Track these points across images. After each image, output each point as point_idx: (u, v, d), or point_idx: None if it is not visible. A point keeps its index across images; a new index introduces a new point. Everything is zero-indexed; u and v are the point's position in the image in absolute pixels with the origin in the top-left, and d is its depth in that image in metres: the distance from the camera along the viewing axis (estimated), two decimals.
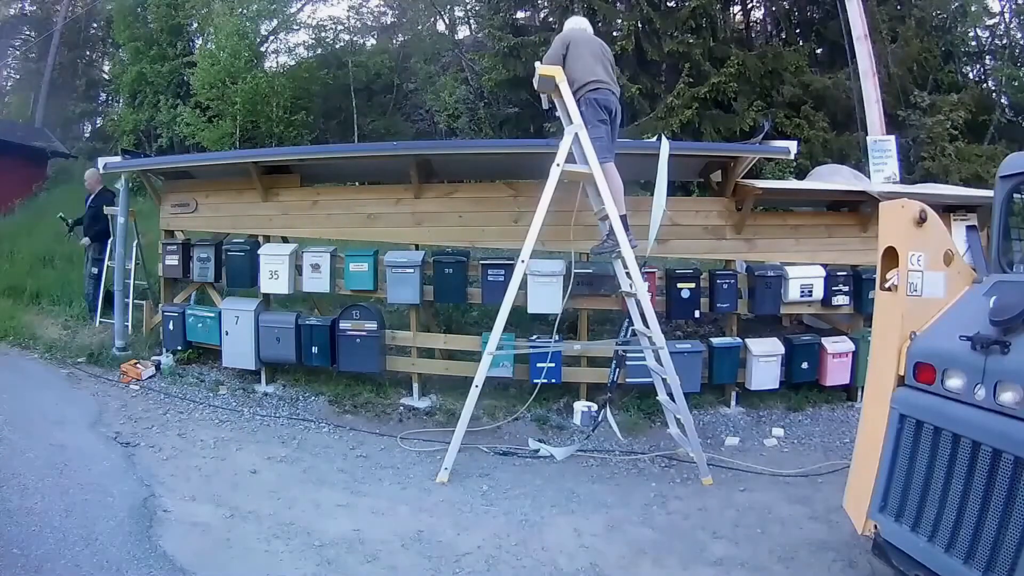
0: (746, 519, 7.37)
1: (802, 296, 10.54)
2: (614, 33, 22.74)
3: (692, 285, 10.51)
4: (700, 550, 6.76)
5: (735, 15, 27.20)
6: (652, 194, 9.99)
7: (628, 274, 9.02)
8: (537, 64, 9.07)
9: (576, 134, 8.82)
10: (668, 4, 22.52)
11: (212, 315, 11.46)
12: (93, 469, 7.99)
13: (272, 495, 7.70)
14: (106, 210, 13.36)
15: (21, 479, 7.52)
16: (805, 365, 10.53)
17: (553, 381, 10.46)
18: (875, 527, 5.48)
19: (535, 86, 9.47)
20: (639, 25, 21.34)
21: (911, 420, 5.24)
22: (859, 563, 6.25)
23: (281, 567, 6.21)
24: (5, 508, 6.84)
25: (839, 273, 10.78)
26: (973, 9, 23.10)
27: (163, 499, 7.38)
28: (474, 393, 8.43)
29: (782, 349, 10.33)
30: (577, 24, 9.98)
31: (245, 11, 25.73)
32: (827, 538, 6.85)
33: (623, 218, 8.93)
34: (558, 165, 8.69)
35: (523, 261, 8.58)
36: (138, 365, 11.55)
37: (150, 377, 11.48)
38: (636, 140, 14.24)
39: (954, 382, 4.98)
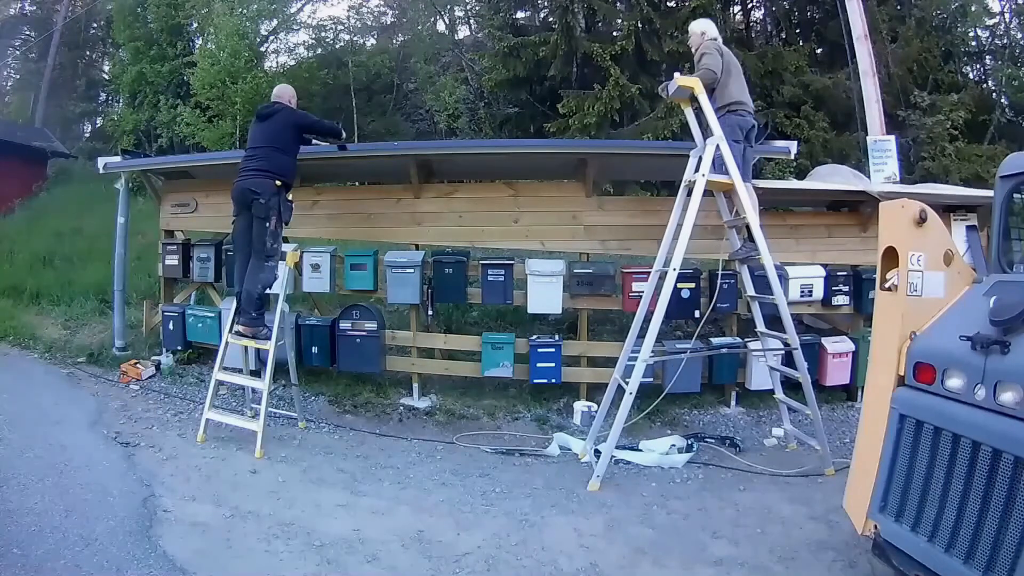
0: (746, 519, 7.36)
1: (802, 296, 10.51)
2: (614, 33, 22.83)
3: (692, 285, 10.50)
4: (700, 550, 6.74)
5: (735, 15, 27.23)
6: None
7: (764, 279, 9.01)
8: (677, 74, 8.98)
9: (717, 145, 8.76)
10: (668, 4, 22.58)
11: (212, 315, 11.48)
12: (93, 469, 7.99)
13: (272, 495, 7.70)
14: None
15: (21, 479, 7.53)
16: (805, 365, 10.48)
17: (553, 381, 10.51)
18: (875, 527, 5.47)
19: (666, 93, 9.38)
20: (639, 25, 21.34)
21: (911, 420, 5.21)
22: (859, 563, 6.23)
23: (281, 567, 6.21)
24: (5, 508, 6.85)
25: (839, 273, 10.76)
26: (973, 9, 23.18)
27: (163, 499, 7.37)
28: (628, 400, 8.32)
29: (782, 349, 10.32)
30: (716, 32, 9.88)
31: (245, 11, 25.79)
32: (827, 538, 6.83)
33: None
34: (703, 175, 8.68)
35: (674, 269, 8.51)
36: (138, 365, 11.55)
37: (150, 377, 11.49)
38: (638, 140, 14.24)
39: (954, 382, 4.96)
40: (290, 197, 9.62)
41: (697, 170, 8.82)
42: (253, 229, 9.50)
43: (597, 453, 8.83)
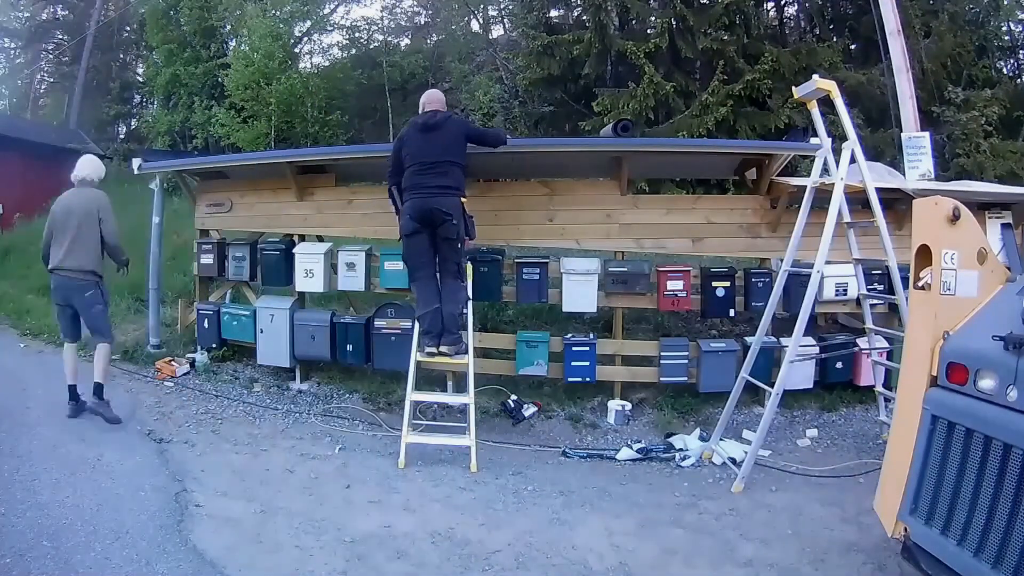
0: (777, 520, 7.34)
1: (837, 295, 10.44)
2: (648, 31, 22.87)
3: (727, 283, 10.52)
4: (730, 551, 6.74)
5: (768, 11, 27.21)
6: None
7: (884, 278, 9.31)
8: (815, 76, 9.01)
9: (852, 151, 8.79)
10: (702, 1, 22.51)
11: (247, 313, 11.54)
12: (125, 464, 8.09)
13: (304, 491, 7.76)
14: None
15: (53, 473, 7.63)
16: (839, 365, 10.46)
17: (588, 380, 10.49)
18: (905, 530, 5.45)
19: (798, 94, 9.31)
20: (673, 23, 21.39)
21: (943, 421, 5.16)
22: (888, 566, 6.21)
23: (311, 562, 6.25)
24: (37, 501, 6.94)
25: (874, 271, 10.69)
26: (1006, 3, 22.97)
27: (195, 494, 7.45)
28: (774, 401, 8.34)
29: (817, 348, 10.28)
30: None
31: (278, 13, 25.92)
32: (858, 540, 6.80)
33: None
34: (842, 179, 8.71)
35: (819, 272, 8.49)
36: (172, 362, 11.63)
37: (184, 374, 11.59)
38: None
39: (986, 383, 4.89)
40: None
41: (824, 172, 9.06)
42: (442, 249, 9.24)
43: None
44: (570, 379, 10.48)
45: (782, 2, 27.42)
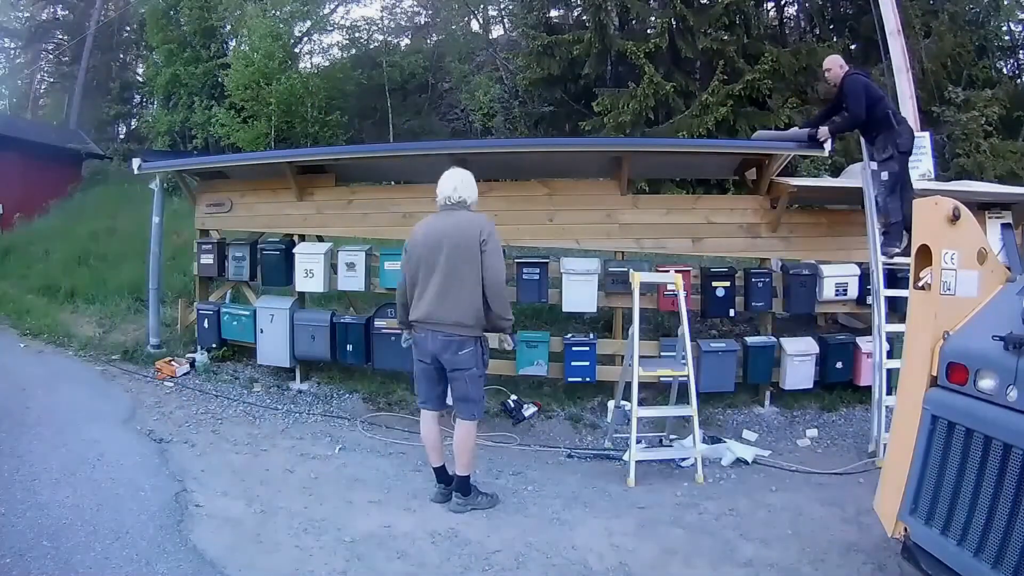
0: (777, 520, 7.32)
1: (837, 295, 10.42)
2: (648, 31, 22.85)
3: (727, 283, 10.46)
4: (730, 551, 6.72)
5: (768, 12, 27.19)
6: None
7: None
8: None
9: None
10: (702, 1, 22.49)
11: (247, 313, 11.53)
12: (125, 464, 8.08)
13: (304, 491, 7.75)
14: None
15: (53, 473, 7.62)
16: (839, 365, 10.41)
17: (588, 380, 10.49)
18: (905, 530, 5.43)
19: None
20: (673, 23, 21.35)
21: (943, 421, 5.13)
22: (888, 566, 6.19)
23: (311, 562, 6.24)
24: (37, 501, 6.93)
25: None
26: (1006, 3, 22.95)
27: (195, 494, 7.44)
28: None
29: (816, 348, 10.25)
30: None
31: (278, 13, 25.89)
32: (858, 540, 6.77)
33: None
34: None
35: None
36: (172, 362, 11.62)
37: (184, 374, 11.57)
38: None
39: (986, 383, 4.86)
40: None
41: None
42: None
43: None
44: (570, 379, 10.47)
45: (782, 2, 27.40)
